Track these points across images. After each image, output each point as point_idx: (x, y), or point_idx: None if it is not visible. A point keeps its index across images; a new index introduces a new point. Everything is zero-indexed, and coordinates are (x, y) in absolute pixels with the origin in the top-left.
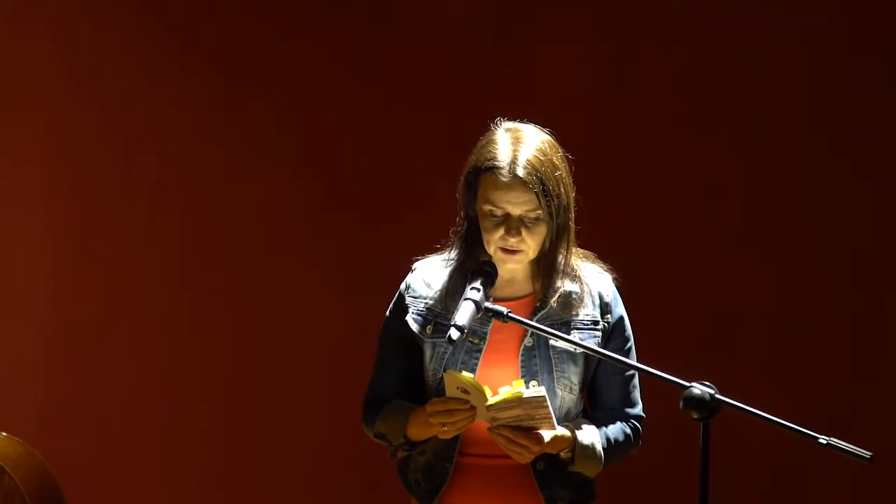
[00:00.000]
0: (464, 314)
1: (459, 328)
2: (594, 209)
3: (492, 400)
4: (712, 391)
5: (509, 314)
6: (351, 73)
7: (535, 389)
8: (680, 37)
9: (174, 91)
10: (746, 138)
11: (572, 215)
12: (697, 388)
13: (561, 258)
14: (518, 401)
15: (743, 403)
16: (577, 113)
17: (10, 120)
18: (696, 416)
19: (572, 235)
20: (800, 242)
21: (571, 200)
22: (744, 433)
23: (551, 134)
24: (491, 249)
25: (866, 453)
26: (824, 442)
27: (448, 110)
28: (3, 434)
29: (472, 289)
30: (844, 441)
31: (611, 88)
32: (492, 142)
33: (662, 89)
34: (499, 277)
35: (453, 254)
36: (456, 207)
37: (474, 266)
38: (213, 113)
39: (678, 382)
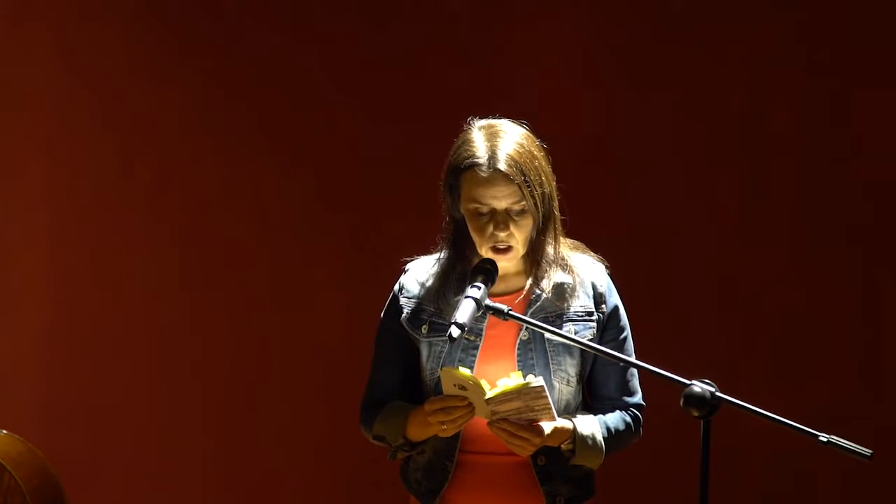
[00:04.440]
0: (464, 312)
1: (460, 326)
2: (594, 208)
3: (490, 393)
4: (712, 389)
5: (510, 311)
6: (350, 72)
7: (533, 379)
8: (680, 36)
9: (174, 91)
10: (746, 138)
11: (556, 204)
12: (698, 386)
13: (550, 248)
14: (517, 393)
15: (743, 401)
16: (577, 112)
17: (11, 120)
18: (696, 414)
19: (558, 225)
20: (800, 241)
21: (554, 189)
22: (744, 431)
23: (526, 126)
24: (483, 250)
25: (867, 451)
26: (824, 440)
27: (448, 108)
28: (4, 432)
29: (473, 286)
30: (844, 439)
31: (610, 88)
32: (468, 140)
33: (662, 89)
34: None
35: (443, 255)
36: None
37: (466, 266)
38: (212, 113)
39: (678, 380)
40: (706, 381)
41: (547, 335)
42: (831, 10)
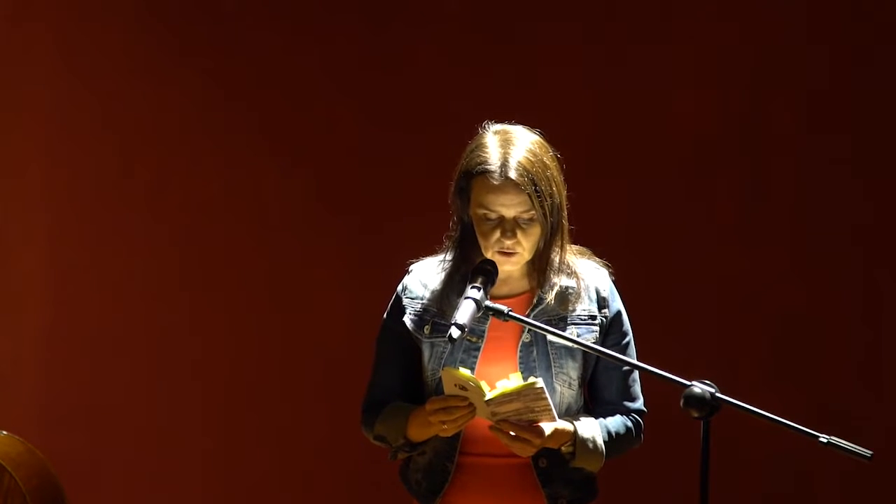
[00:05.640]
0: (464, 313)
1: (460, 327)
2: (594, 209)
3: (490, 394)
4: (712, 390)
5: (510, 312)
6: (350, 73)
7: (533, 380)
8: (680, 36)
9: (174, 91)
10: (746, 138)
11: (565, 213)
12: (698, 387)
13: (556, 256)
14: (517, 394)
15: (743, 402)
16: (576, 113)
17: (10, 120)
18: (696, 414)
19: (566, 233)
20: (800, 241)
21: (564, 199)
22: (744, 431)
23: (540, 134)
24: (488, 253)
25: (867, 452)
26: (825, 441)
27: (447, 109)
28: (4, 433)
29: (472, 287)
30: (845, 440)
31: (610, 88)
32: (481, 145)
33: (662, 89)
34: None
35: (448, 256)
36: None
37: (471, 267)
38: (213, 113)
39: (678, 381)
40: (706, 381)
41: (550, 338)
42: (832, 9)
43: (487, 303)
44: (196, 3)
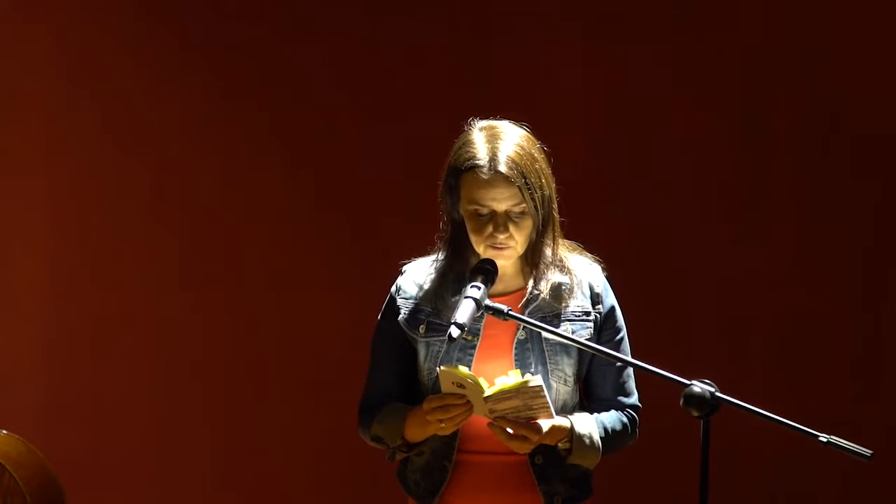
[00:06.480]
0: (464, 312)
1: (460, 326)
2: (594, 208)
3: (489, 392)
4: (712, 389)
5: (509, 311)
6: (350, 72)
7: (532, 378)
8: (680, 37)
9: (174, 91)
10: (746, 138)
11: (556, 206)
12: (697, 386)
13: (548, 249)
14: (515, 391)
15: (744, 401)
16: (576, 112)
17: (10, 120)
18: (696, 414)
19: (557, 226)
20: (801, 241)
21: (553, 191)
22: (744, 431)
23: (527, 128)
24: (480, 249)
25: (867, 452)
26: (825, 440)
27: (448, 109)
28: (4, 432)
29: (472, 286)
30: (845, 440)
31: (610, 87)
32: (469, 142)
33: (662, 88)
34: None
35: (441, 256)
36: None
37: (463, 267)
38: (212, 113)
39: (678, 380)
40: (706, 381)
41: (545, 335)
42: (831, 9)
43: (487, 302)
44: (196, 3)
